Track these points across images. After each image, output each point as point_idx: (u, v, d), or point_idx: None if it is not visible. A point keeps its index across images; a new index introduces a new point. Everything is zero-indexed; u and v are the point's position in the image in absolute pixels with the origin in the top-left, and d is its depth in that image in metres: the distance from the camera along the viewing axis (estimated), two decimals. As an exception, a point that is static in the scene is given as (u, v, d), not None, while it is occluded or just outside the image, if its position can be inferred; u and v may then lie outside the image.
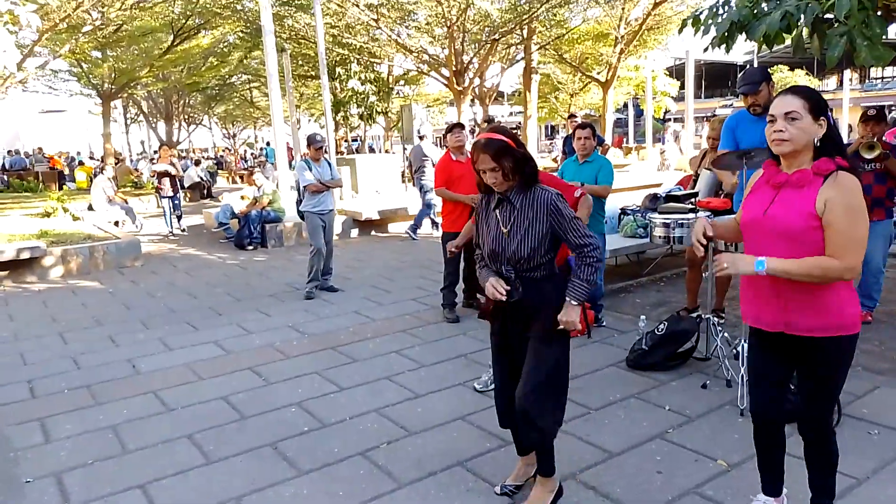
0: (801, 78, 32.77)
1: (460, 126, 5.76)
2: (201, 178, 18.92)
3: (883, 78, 43.22)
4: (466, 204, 5.52)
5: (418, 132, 12.68)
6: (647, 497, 2.89)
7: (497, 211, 2.68)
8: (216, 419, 3.88)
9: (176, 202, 12.02)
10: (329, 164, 6.96)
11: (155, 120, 34.03)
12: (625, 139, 38.81)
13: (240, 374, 4.63)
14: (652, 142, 26.32)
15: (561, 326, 2.59)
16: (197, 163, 20.35)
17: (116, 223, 12.22)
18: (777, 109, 2.19)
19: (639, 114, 35.24)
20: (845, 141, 5.18)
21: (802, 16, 4.35)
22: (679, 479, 3.02)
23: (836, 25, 4.26)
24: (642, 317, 4.78)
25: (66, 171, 23.66)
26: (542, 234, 2.59)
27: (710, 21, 5.04)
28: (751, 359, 2.52)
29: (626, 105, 35.98)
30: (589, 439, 3.42)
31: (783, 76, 35.33)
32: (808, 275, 2.15)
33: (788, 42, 4.74)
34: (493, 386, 4.02)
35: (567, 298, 2.59)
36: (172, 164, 12.01)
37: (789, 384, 2.50)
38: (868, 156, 4.71)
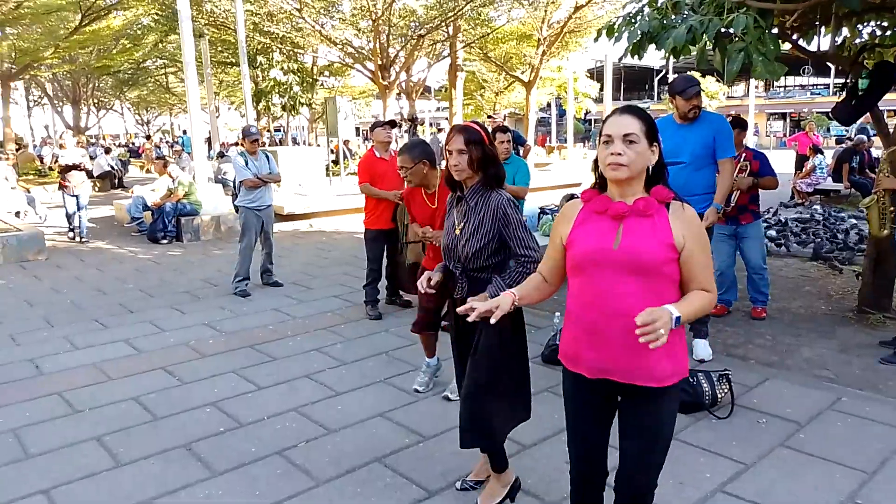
0: (712, 84, 34.56)
1: (391, 123, 5.78)
2: (112, 167, 18.03)
3: (786, 87, 46.44)
4: (389, 201, 5.56)
5: (438, 125, 12.83)
6: (556, 487, 3.03)
7: (455, 209, 2.80)
8: (126, 420, 3.76)
9: (82, 204, 10.02)
10: (267, 157, 6.82)
11: (61, 104, 32.12)
12: (548, 138, 39.86)
13: (152, 373, 4.49)
14: (574, 142, 27.13)
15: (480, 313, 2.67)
16: (107, 150, 19.37)
17: (17, 214, 11.49)
18: (614, 129, 1.94)
19: (561, 114, 36.18)
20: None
21: (706, 31, 4.62)
22: (586, 468, 3.18)
23: (735, 41, 4.57)
24: (557, 313, 4.97)
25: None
26: (489, 236, 2.69)
27: (622, 31, 5.28)
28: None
29: (549, 105, 36.89)
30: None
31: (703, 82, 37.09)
32: (699, 314, 1.99)
33: (695, 53, 5.04)
34: (432, 386, 4.11)
35: (484, 295, 2.67)
36: (83, 156, 10.81)
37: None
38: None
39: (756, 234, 5.38)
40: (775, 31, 5.59)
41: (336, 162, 15.70)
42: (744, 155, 5.32)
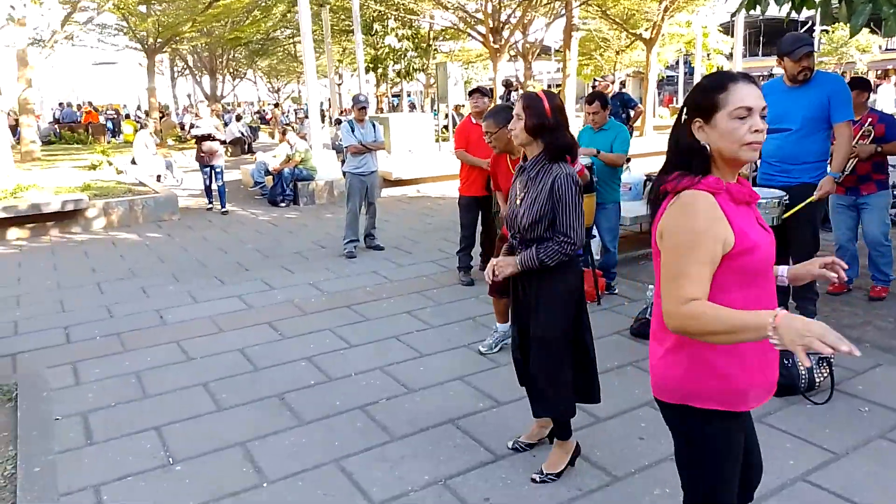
0: (863, 35, 31.03)
1: (479, 91, 5.78)
2: (242, 134, 19.26)
3: (955, 37, 40.60)
4: (482, 168, 5.58)
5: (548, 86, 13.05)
6: (625, 461, 3.00)
7: (518, 179, 2.80)
8: (231, 370, 4.13)
9: (218, 171, 9.87)
10: (374, 125, 7.08)
11: (200, 74, 34.59)
12: (674, 98, 37.74)
13: (258, 328, 4.87)
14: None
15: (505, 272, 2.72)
16: (238, 118, 20.69)
17: (158, 177, 12.63)
18: (755, 101, 1.61)
19: (691, 72, 34.11)
20: None
21: (830, -19, 4.20)
22: (661, 445, 3.11)
23: (864, -9, 4.11)
24: (650, 286, 4.81)
25: (109, 125, 24.27)
26: (544, 210, 2.66)
27: (739, -16, 4.89)
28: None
29: (677, 62, 34.82)
30: (579, 405, 3.52)
31: (844, 34, 33.53)
32: None
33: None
34: (497, 349, 4.20)
35: (515, 256, 2.71)
36: (217, 126, 10.56)
37: None
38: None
39: (878, 204, 4.85)
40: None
41: (447, 128, 15.83)
42: (868, 120, 4.80)
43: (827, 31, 34.50)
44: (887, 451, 2.98)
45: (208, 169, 9.88)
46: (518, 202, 2.75)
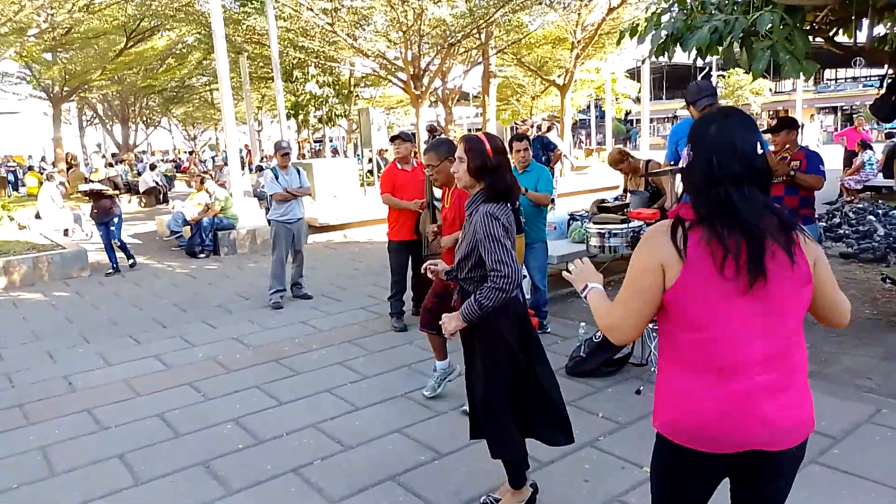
0: (756, 80, 33.66)
1: (401, 137, 5.79)
2: (157, 183, 18.56)
3: (836, 79, 44.53)
4: (411, 212, 5.55)
5: (547, 125, 13.43)
6: (571, 506, 2.95)
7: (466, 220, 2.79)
8: (150, 438, 3.83)
9: (114, 227, 9.04)
10: (298, 171, 6.93)
11: (111, 122, 33.33)
12: (588, 140, 39.42)
13: (178, 389, 4.57)
14: (613, 143, 26.73)
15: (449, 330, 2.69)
16: (152, 167, 19.97)
17: (66, 231, 11.93)
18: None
19: (601, 115, 35.79)
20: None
21: (731, 31, 4.47)
22: (605, 486, 3.08)
23: (762, 40, 4.40)
24: (582, 323, 4.86)
25: (10, 178, 22.88)
26: (470, 247, 2.66)
27: (647, 32, 5.16)
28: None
29: (588, 107, 36.49)
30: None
31: (738, 78, 36.24)
32: (596, 316, 1.86)
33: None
34: (440, 388, 4.12)
35: (456, 312, 2.67)
36: (109, 177, 9.87)
37: None
38: None
39: None
40: (811, 26, 5.42)
41: (371, 172, 15.83)
42: (798, 158, 5.03)
43: (724, 76, 37.21)
44: (820, 475, 3.05)
45: (103, 227, 9.00)
46: (461, 240, 2.74)
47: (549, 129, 13.17)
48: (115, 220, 9.02)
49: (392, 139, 5.83)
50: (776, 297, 1.62)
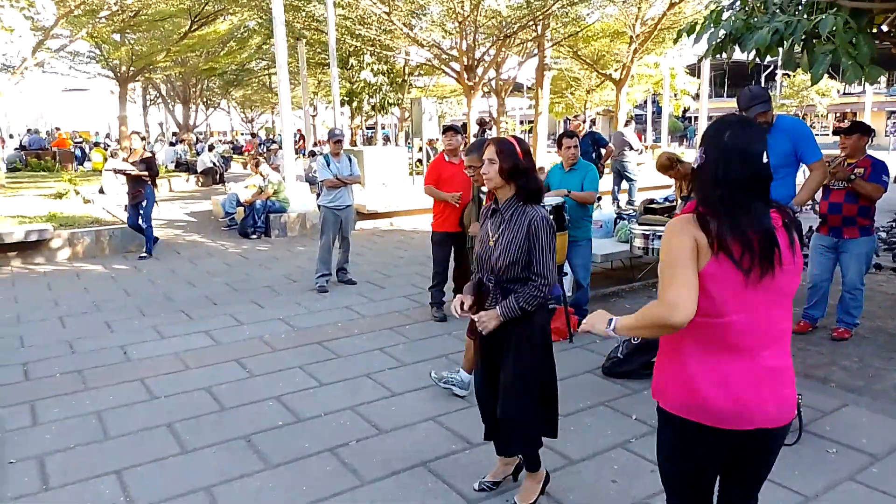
0: (822, 80, 32.35)
1: (453, 129, 5.83)
2: (214, 164, 19.13)
3: (911, 82, 42.37)
4: (453, 205, 5.60)
5: (626, 120, 13.89)
6: (598, 505, 2.98)
7: (490, 220, 2.83)
8: (197, 409, 4.02)
9: (143, 211, 8.65)
10: (349, 159, 7.08)
11: (173, 103, 34.40)
12: (643, 137, 38.67)
13: (226, 365, 4.77)
14: (669, 140, 26.17)
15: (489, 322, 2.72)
16: (210, 148, 20.56)
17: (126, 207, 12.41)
18: None
19: (658, 111, 35.03)
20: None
21: (792, 33, 4.36)
22: (633, 489, 3.10)
23: (824, 43, 4.27)
24: (621, 324, 4.84)
25: (77, 153, 23.89)
26: (520, 250, 2.70)
27: (704, 31, 5.06)
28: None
29: (646, 102, 35.77)
30: (551, 445, 3.48)
31: (804, 78, 34.87)
32: (649, 326, 1.88)
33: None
34: (442, 385, 4.17)
35: (497, 307, 2.72)
36: (144, 158, 8.61)
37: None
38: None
39: (858, 250, 4.88)
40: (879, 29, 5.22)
41: (421, 161, 15.94)
42: (860, 162, 4.89)
43: (789, 76, 35.87)
44: (858, 493, 3.00)
45: (132, 208, 8.75)
46: (492, 243, 2.76)
47: (626, 124, 13.21)
48: (144, 202, 8.64)
49: (444, 131, 5.88)
50: (780, 288, 1.82)
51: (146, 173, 8.60)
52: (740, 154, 1.81)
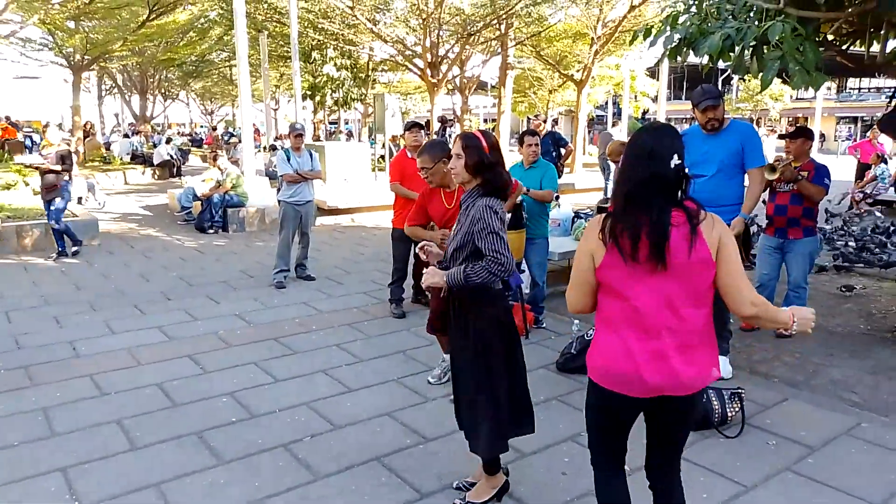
0: (776, 85, 33.27)
1: (418, 126, 5.85)
2: (171, 156, 18.73)
3: (860, 89, 43.77)
4: (413, 202, 5.61)
5: (613, 121, 13.99)
6: (548, 497, 3.04)
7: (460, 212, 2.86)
8: (148, 405, 3.95)
9: (54, 207, 7.93)
10: (311, 153, 7.01)
11: (129, 93, 33.50)
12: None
13: (178, 361, 4.69)
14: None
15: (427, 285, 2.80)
16: (168, 140, 20.12)
17: (79, 200, 12.08)
18: None
19: (618, 112, 35.58)
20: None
21: (743, 39, 4.50)
22: (582, 480, 3.16)
23: (773, 49, 4.42)
24: (575, 321, 4.94)
25: (27, 143, 23.10)
26: (465, 238, 2.73)
27: (659, 35, 5.17)
28: None
29: (606, 103, 36.27)
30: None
31: (757, 83, 35.82)
32: None
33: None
34: (445, 379, 4.18)
35: (444, 272, 2.75)
36: (59, 152, 7.94)
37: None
38: (770, 177, 4.83)
39: (803, 250, 5.07)
40: (825, 38, 5.41)
41: (383, 158, 15.90)
42: (804, 165, 5.07)
43: (744, 80, 36.82)
44: (793, 483, 3.13)
45: (46, 204, 8.04)
46: (451, 234, 2.81)
47: (614, 124, 13.64)
48: (57, 199, 7.96)
49: (409, 127, 5.87)
50: (678, 277, 2.03)
51: (59, 168, 7.84)
52: (648, 154, 2.03)
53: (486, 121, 40.27)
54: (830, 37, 5.48)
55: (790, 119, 37.14)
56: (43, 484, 3.11)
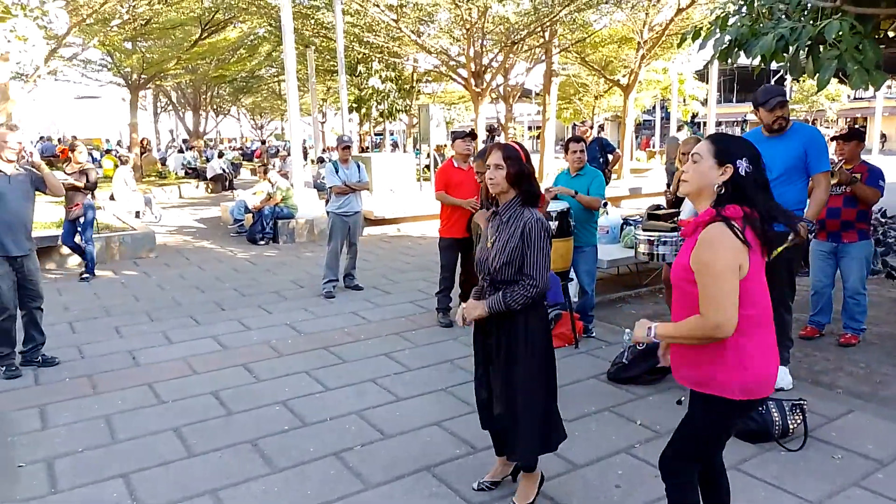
0: (832, 85, 32.13)
1: (471, 135, 5.84)
2: (223, 170, 19.27)
3: (923, 86, 41.96)
4: (464, 210, 5.63)
5: (678, 126, 14.05)
6: (602, 510, 2.98)
7: (490, 223, 2.87)
8: (203, 414, 4.05)
9: (83, 226, 7.85)
10: (358, 165, 7.13)
11: (183, 110, 34.67)
12: (651, 142, 38.57)
13: (232, 370, 4.80)
14: (676, 146, 26.01)
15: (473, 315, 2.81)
16: (220, 154, 20.71)
17: (137, 214, 12.53)
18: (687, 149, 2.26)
19: (667, 117, 34.96)
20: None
21: (797, 39, 4.36)
22: (636, 494, 3.10)
23: (830, 48, 4.28)
24: (626, 329, 4.81)
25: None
26: (514, 252, 2.72)
27: (709, 37, 5.06)
28: None
29: (654, 108, 35.69)
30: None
31: (813, 83, 34.69)
32: (690, 337, 2.13)
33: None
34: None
35: (483, 300, 2.78)
36: (82, 169, 7.67)
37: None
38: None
39: (858, 254, 4.90)
40: (891, 34, 5.20)
41: (428, 168, 15.99)
42: (856, 168, 4.90)
43: (798, 81, 35.66)
44: (862, 499, 2.99)
45: (69, 223, 7.91)
46: (489, 245, 2.80)
47: (679, 129, 13.36)
48: (81, 218, 7.85)
49: (463, 136, 5.80)
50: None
51: (81, 184, 7.57)
52: (763, 165, 2.20)
53: (530, 128, 40.12)
54: (891, 34, 5.27)
55: (848, 120, 35.77)
56: (106, 489, 3.21)
